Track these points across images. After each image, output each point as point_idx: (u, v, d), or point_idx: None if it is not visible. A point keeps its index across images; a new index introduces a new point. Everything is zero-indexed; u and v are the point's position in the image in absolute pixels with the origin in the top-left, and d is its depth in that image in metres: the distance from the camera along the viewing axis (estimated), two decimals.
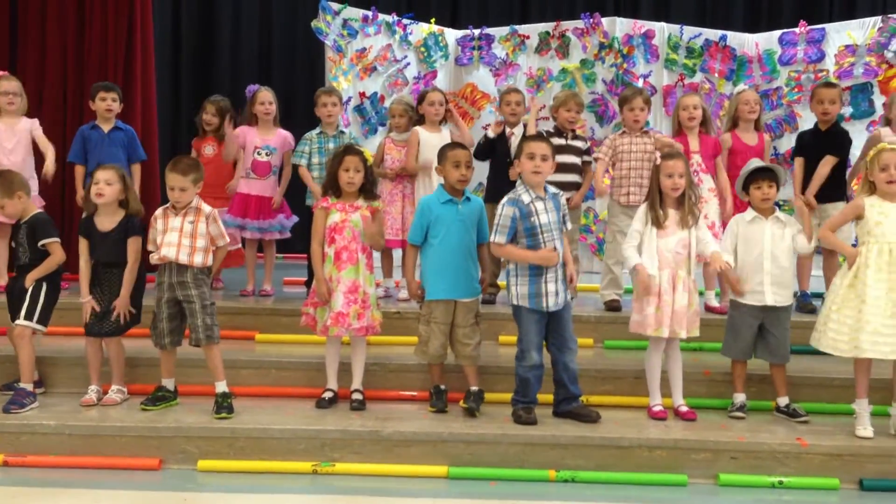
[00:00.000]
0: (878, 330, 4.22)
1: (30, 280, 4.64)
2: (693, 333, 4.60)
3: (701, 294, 5.57)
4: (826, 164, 5.69)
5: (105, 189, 4.64)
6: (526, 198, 4.43)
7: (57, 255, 4.70)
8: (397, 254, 6.48)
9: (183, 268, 4.55)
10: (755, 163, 4.83)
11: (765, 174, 4.66)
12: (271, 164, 6.20)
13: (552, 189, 4.57)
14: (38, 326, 4.66)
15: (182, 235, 4.56)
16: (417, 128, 6.16)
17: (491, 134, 6.00)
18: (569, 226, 4.63)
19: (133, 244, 4.67)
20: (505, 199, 4.50)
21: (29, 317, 4.62)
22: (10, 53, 6.95)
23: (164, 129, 7.75)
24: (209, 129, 6.43)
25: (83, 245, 4.68)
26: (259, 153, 6.18)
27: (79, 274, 4.71)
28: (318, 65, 8.32)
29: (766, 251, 4.60)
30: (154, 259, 4.59)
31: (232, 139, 6.09)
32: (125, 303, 4.66)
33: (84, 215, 4.88)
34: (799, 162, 5.85)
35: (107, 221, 4.68)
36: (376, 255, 5.71)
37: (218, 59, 9.29)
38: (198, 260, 4.57)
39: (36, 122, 6.08)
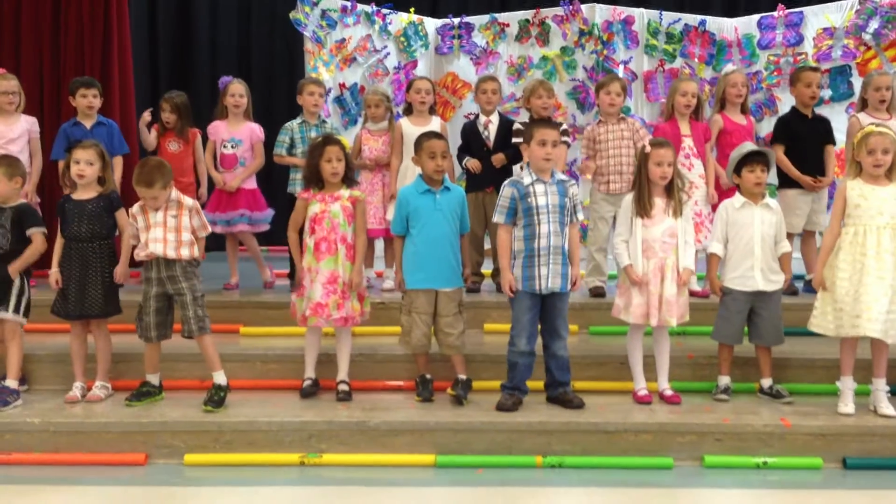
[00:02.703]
0: (843, 308, 4.34)
1: (15, 272, 4.62)
2: (683, 320, 4.63)
3: (700, 279, 5.60)
4: (831, 155, 5.93)
5: (86, 169, 4.63)
6: (527, 180, 4.45)
7: (40, 245, 4.70)
8: (379, 244, 6.48)
9: (171, 262, 4.54)
10: (748, 146, 4.80)
11: (759, 158, 4.66)
12: (237, 156, 6.15)
13: (560, 175, 4.56)
14: (24, 320, 4.69)
15: (166, 230, 4.54)
16: (401, 120, 6.14)
17: (465, 166, 5.99)
18: (580, 216, 4.59)
19: (122, 216, 4.70)
20: (507, 181, 4.53)
21: (17, 310, 4.63)
22: None
23: None
24: (169, 127, 6.32)
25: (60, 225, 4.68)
26: (225, 146, 6.15)
27: (53, 253, 4.72)
28: (297, 56, 8.28)
29: (756, 237, 4.61)
30: (141, 255, 4.55)
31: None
32: (125, 270, 4.70)
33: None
34: (780, 149, 5.85)
35: (84, 195, 4.67)
36: None
37: (196, 50, 9.22)
38: (185, 253, 4.56)
39: (35, 121, 6.05)
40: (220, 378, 4.57)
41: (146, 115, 6.34)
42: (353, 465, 4.24)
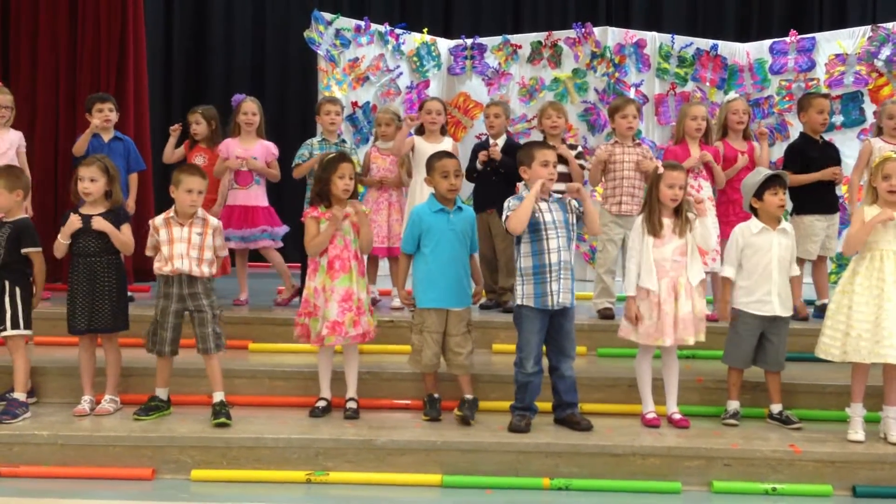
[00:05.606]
0: (861, 335, 4.30)
1: (37, 301, 4.71)
2: (699, 338, 4.60)
3: (709, 302, 5.59)
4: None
5: (91, 187, 4.66)
6: None
7: (41, 265, 4.72)
8: (383, 263, 6.50)
9: (193, 279, 4.56)
10: (764, 171, 4.79)
11: (778, 181, 4.65)
12: (252, 173, 6.19)
13: (556, 195, 4.58)
14: (28, 332, 4.68)
15: (190, 247, 4.56)
16: (415, 136, 6.20)
17: (479, 165, 6.05)
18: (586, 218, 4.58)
19: (126, 230, 4.71)
20: (510, 197, 4.54)
21: (16, 325, 4.63)
22: (2, 64, 6.92)
23: (156, 138, 7.74)
24: (198, 138, 6.42)
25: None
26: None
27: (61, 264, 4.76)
28: (310, 74, 8.33)
29: (774, 262, 4.60)
30: (165, 270, 4.56)
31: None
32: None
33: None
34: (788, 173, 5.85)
35: (92, 210, 4.69)
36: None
37: (210, 68, 9.30)
38: (206, 270, 4.60)
39: (21, 135, 6.07)
40: (219, 396, 4.58)
41: (177, 126, 6.42)
42: (360, 483, 4.23)
